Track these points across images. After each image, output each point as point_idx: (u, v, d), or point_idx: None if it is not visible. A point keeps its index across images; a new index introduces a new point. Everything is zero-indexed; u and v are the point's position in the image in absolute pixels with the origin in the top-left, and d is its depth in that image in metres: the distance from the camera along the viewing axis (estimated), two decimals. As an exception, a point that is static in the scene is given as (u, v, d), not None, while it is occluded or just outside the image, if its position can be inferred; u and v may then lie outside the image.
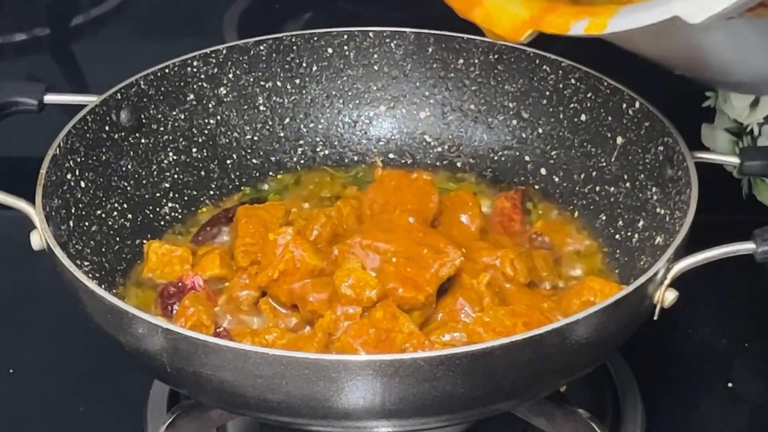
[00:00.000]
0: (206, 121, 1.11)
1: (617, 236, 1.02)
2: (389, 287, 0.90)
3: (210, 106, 1.11)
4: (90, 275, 0.92)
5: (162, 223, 1.06)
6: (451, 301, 0.92)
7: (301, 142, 1.15)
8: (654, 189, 1.00)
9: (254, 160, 1.13)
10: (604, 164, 1.06)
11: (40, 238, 0.89)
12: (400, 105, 1.16)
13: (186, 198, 1.08)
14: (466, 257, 0.94)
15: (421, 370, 0.76)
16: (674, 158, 0.96)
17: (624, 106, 1.03)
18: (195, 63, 1.09)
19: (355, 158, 1.15)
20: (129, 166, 1.05)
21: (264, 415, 0.84)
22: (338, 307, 0.90)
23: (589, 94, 1.07)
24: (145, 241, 1.02)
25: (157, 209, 1.06)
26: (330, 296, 0.91)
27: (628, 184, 1.03)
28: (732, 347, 1.09)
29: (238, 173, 1.12)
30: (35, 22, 1.28)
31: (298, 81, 1.14)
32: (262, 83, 1.13)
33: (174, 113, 1.08)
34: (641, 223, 1.00)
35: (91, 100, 1.02)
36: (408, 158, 1.15)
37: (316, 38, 1.14)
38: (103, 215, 1.01)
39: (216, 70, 1.11)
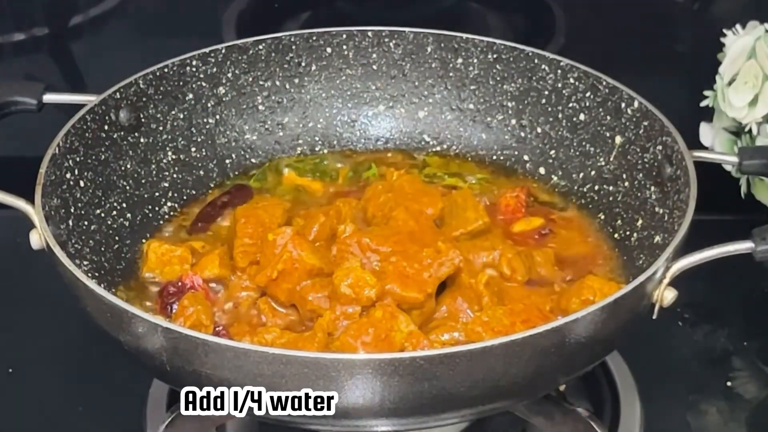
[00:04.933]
0: (205, 120, 1.11)
1: (616, 235, 1.02)
2: (388, 287, 0.90)
3: (209, 105, 1.11)
4: (89, 274, 0.92)
5: (161, 222, 1.06)
6: (450, 300, 0.93)
7: (300, 141, 1.15)
8: (653, 188, 1.00)
9: (253, 160, 1.13)
10: (603, 163, 1.06)
11: (39, 237, 0.89)
12: (399, 104, 1.16)
13: (185, 197, 1.08)
14: (465, 257, 0.94)
15: (421, 369, 0.76)
16: (673, 157, 0.96)
17: (623, 105, 1.03)
18: (194, 62, 1.09)
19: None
20: (128, 166, 1.05)
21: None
22: (337, 307, 0.90)
23: (587, 94, 1.07)
24: (144, 241, 1.02)
25: (156, 208, 1.06)
26: (329, 296, 0.91)
27: (626, 184, 1.03)
28: (731, 346, 1.09)
29: (237, 172, 1.12)
30: (34, 21, 1.27)
31: (296, 80, 1.14)
32: (261, 83, 1.13)
33: (173, 113, 1.09)
34: (640, 222, 1.00)
35: (90, 99, 1.02)
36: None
37: (315, 38, 1.14)
38: (103, 214, 1.01)
39: (215, 69, 1.11)
